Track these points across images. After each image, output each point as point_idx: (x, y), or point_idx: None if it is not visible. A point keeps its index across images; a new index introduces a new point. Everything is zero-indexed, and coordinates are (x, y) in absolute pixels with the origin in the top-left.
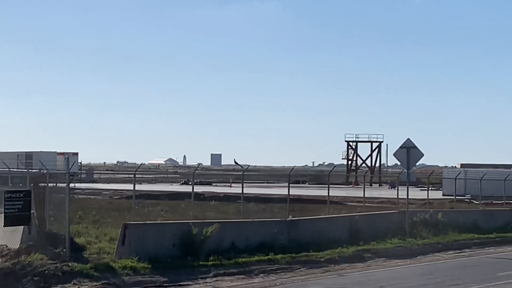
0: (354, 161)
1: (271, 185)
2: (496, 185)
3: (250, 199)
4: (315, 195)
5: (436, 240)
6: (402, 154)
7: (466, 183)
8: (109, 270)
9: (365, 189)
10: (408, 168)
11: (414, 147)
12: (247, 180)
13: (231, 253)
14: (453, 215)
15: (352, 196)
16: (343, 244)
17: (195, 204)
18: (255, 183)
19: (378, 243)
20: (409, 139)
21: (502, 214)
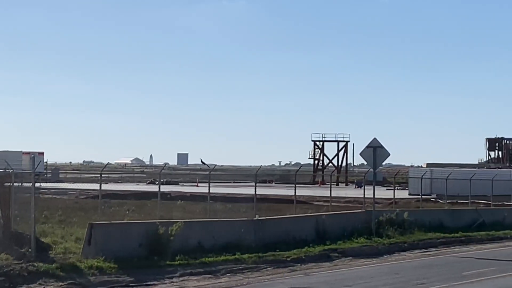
0: (321, 161)
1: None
2: (461, 185)
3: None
4: (282, 194)
5: (402, 239)
6: (368, 154)
7: (432, 182)
8: (75, 270)
9: (332, 189)
10: (375, 167)
11: (380, 147)
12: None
13: (198, 252)
14: (419, 214)
15: (318, 196)
16: (309, 244)
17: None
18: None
19: (345, 243)
20: (376, 138)
21: (468, 213)
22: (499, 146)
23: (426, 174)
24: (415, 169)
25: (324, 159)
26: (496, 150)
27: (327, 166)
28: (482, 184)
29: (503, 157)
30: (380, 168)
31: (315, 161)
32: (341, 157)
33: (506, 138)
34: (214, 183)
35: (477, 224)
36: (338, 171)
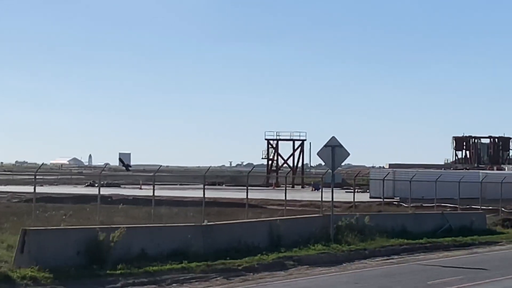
0: (275, 161)
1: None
2: (426, 187)
3: (162, 203)
4: (232, 197)
5: (362, 246)
6: (326, 153)
7: (395, 184)
8: (7, 281)
9: (287, 191)
10: (333, 168)
11: (339, 146)
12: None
13: (141, 261)
14: (380, 219)
15: (272, 199)
16: (263, 251)
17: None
18: (168, 185)
19: (301, 250)
20: (334, 137)
21: (433, 217)
22: (467, 145)
23: (389, 175)
24: (377, 170)
25: (278, 159)
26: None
27: (282, 167)
28: (449, 186)
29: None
30: (339, 169)
31: (269, 162)
32: (297, 157)
33: (474, 136)
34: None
35: (444, 229)
36: (294, 172)
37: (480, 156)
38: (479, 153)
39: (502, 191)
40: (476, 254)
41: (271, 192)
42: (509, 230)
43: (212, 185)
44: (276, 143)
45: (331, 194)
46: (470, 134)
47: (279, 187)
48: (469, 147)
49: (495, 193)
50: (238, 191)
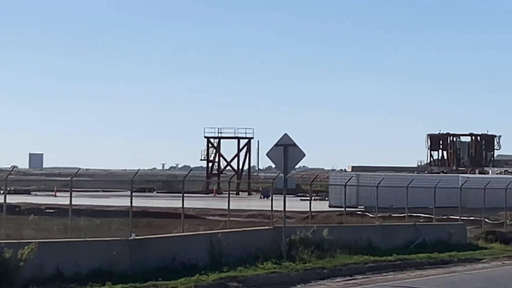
0: (216, 163)
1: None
2: (396, 194)
3: (81, 213)
4: (165, 206)
5: (320, 264)
6: (277, 154)
7: (359, 191)
8: None
9: (230, 199)
10: (285, 171)
11: (293, 145)
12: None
13: (56, 282)
14: (342, 231)
15: (213, 208)
16: (202, 270)
17: (8, 219)
18: (88, 191)
19: (247, 269)
20: (287, 134)
21: (404, 230)
22: (444, 144)
23: (351, 180)
24: (337, 174)
25: (220, 161)
26: (440, 150)
27: (225, 170)
28: (423, 193)
29: (448, 159)
30: (292, 172)
31: (209, 164)
32: (242, 159)
33: (452, 134)
34: (77, 192)
35: (416, 244)
36: (239, 177)
37: (460, 157)
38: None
39: (485, 199)
40: (455, 273)
41: (211, 200)
42: (494, 245)
43: (141, 192)
44: (217, 142)
45: (283, 202)
46: (448, 131)
47: (221, 194)
48: (447, 147)
49: (477, 201)
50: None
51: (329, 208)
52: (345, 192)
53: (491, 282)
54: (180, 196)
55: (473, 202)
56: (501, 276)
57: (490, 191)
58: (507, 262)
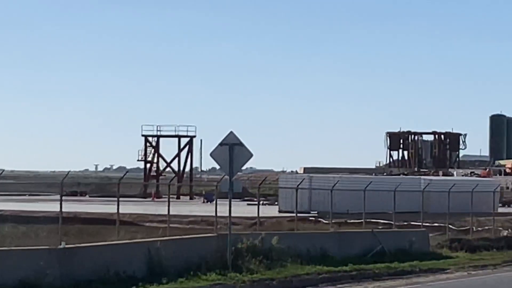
0: (155, 164)
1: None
2: (352, 198)
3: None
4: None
5: (269, 274)
6: (222, 154)
7: (312, 194)
8: None
9: (170, 204)
10: (231, 173)
11: (239, 144)
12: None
13: None
14: (293, 239)
15: (152, 214)
16: (139, 282)
17: None
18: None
19: (189, 280)
20: (233, 132)
21: (361, 237)
22: (405, 143)
23: (303, 183)
24: (288, 176)
25: (159, 162)
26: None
27: (164, 171)
28: (382, 197)
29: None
30: (239, 174)
31: (147, 165)
32: (183, 159)
33: (414, 132)
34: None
35: (375, 252)
36: (180, 179)
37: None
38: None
39: (449, 203)
40: (416, 285)
41: (150, 205)
42: (459, 254)
43: (72, 196)
44: (156, 141)
45: (229, 207)
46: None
47: (160, 198)
48: (408, 146)
49: (441, 205)
50: (107, 204)
51: (279, 214)
52: (296, 196)
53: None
54: (115, 200)
55: (436, 207)
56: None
57: (455, 195)
58: (473, 272)
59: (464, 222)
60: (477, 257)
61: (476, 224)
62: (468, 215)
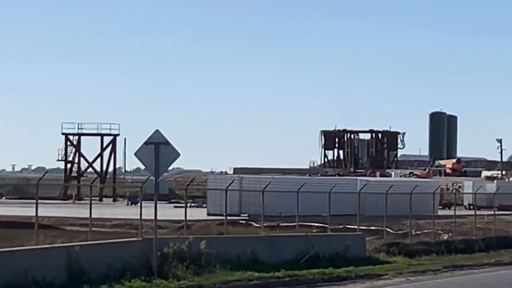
0: (76, 164)
1: None
2: (285, 200)
3: None
4: (16, 215)
5: (197, 281)
6: (147, 154)
7: (242, 196)
8: None
9: (92, 206)
10: (157, 174)
11: (165, 143)
12: None
13: None
14: (223, 244)
15: (72, 217)
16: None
17: None
18: None
19: (112, 287)
20: (159, 131)
21: (294, 241)
22: (340, 142)
23: (233, 184)
24: (217, 177)
25: (81, 162)
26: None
27: (86, 172)
28: (316, 199)
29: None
30: (165, 175)
31: (68, 165)
32: (106, 159)
33: (350, 130)
34: None
35: (308, 257)
36: (103, 180)
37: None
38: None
39: (387, 206)
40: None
41: (70, 208)
42: (397, 259)
43: None
44: (77, 139)
45: (154, 209)
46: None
47: (81, 200)
48: (343, 145)
49: (378, 207)
50: (25, 206)
51: (207, 217)
52: (226, 198)
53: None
54: (34, 202)
55: (373, 209)
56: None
57: (393, 197)
58: (412, 278)
59: (402, 225)
60: (416, 262)
61: (415, 228)
62: (406, 218)
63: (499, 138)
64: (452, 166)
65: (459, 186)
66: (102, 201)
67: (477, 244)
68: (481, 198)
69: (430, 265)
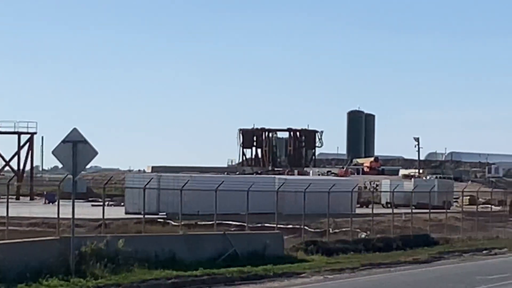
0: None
1: None
2: (203, 198)
3: None
4: None
5: (115, 280)
6: (65, 152)
7: (160, 195)
8: None
9: (9, 205)
10: (75, 172)
11: (83, 142)
12: None
13: None
14: (141, 242)
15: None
16: None
17: None
18: None
19: (29, 286)
20: (76, 129)
21: (212, 240)
22: (258, 140)
23: (151, 182)
24: (135, 176)
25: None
26: (254, 147)
27: (3, 170)
28: (234, 198)
29: (263, 157)
30: (83, 173)
31: None
32: (23, 157)
33: (268, 129)
34: None
35: (227, 256)
36: (20, 178)
37: (276, 156)
38: (275, 151)
39: (305, 204)
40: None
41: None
42: (315, 257)
43: None
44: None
45: (72, 208)
46: (263, 126)
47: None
48: (262, 144)
49: (296, 206)
50: None
51: (125, 215)
52: (144, 196)
53: None
54: None
55: (291, 208)
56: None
57: (311, 195)
58: (329, 276)
59: (320, 224)
60: (334, 261)
61: (333, 226)
62: (324, 216)
63: (416, 137)
64: (369, 164)
65: (376, 185)
66: (19, 200)
67: (395, 242)
68: (399, 197)
69: (348, 263)
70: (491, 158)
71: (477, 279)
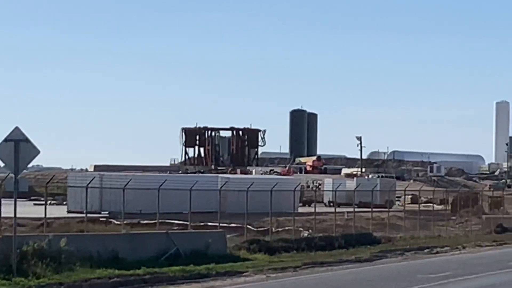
0: None
1: None
2: (146, 197)
3: None
4: None
5: (57, 279)
6: (7, 151)
7: (103, 194)
8: None
9: None
10: (17, 171)
11: (25, 141)
12: None
13: None
14: (83, 241)
15: None
16: None
17: None
18: None
19: None
20: (18, 128)
21: (155, 239)
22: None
23: (94, 181)
24: (77, 175)
25: None
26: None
27: None
28: (177, 196)
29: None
30: (25, 172)
31: None
32: None
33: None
34: None
35: (169, 255)
36: None
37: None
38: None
39: (248, 203)
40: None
41: None
42: (257, 256)
43: None
44: None
45: (14, 207)
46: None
47: None
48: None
49: (239, 205)
50: None
51: (68, 214)
52: (86, 195)
53: None
54: None
55: (234, 207)
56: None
57: (254, 194)
58: (272, 275)
59: (263, 223)
60: (277, 259)
61: (276, 225)
62: (267, 215)
63: (358, 136)
64: (312, 163)
65: (319, 184)
66: None
67: (337, 241)
68: (341, 195)
69: (291, 262)
70: (433, 157)
71: (419, 278)
